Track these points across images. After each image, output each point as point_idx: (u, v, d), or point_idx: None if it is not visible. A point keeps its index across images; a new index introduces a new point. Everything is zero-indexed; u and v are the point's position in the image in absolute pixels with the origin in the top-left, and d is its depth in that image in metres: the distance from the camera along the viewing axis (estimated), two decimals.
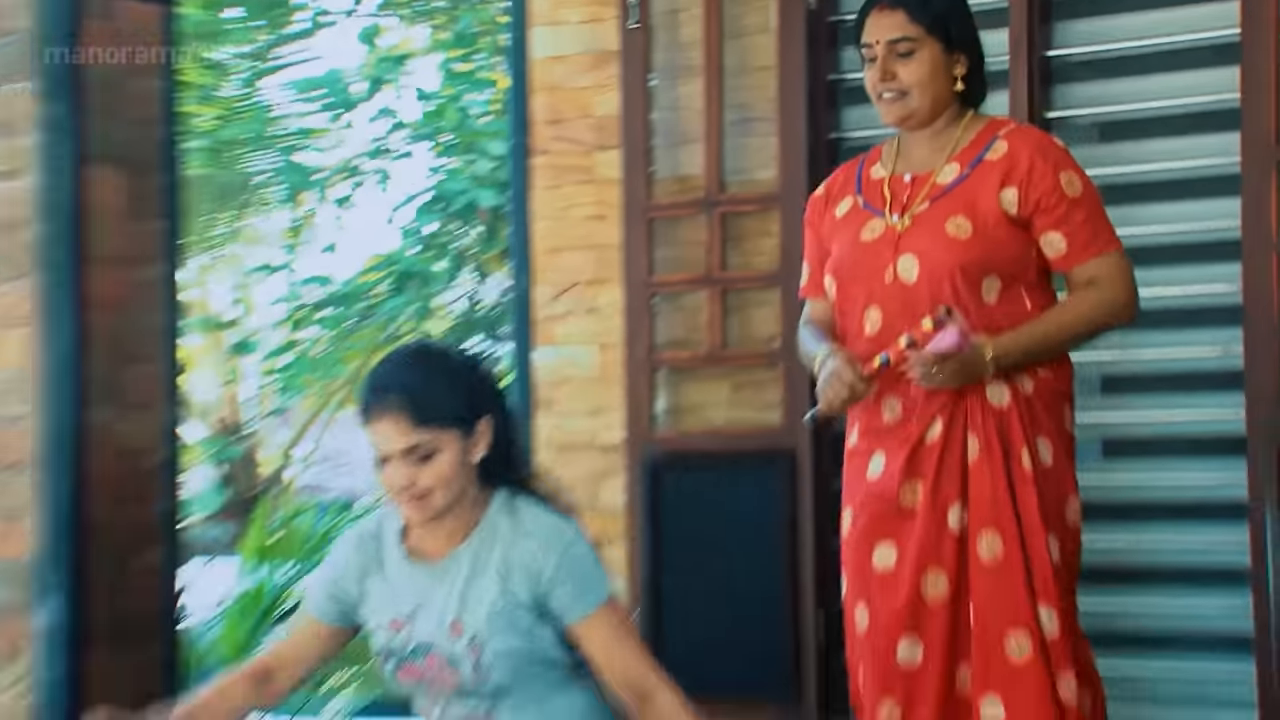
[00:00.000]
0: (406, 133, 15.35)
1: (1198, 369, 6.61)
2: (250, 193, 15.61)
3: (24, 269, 5.51)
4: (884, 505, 5.02)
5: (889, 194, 5.12)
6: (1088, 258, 4.90)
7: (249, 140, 15.19)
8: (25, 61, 5.50)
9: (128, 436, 5.64)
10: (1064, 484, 4.99)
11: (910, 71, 5.00)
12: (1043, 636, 4.80)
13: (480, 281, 15.01)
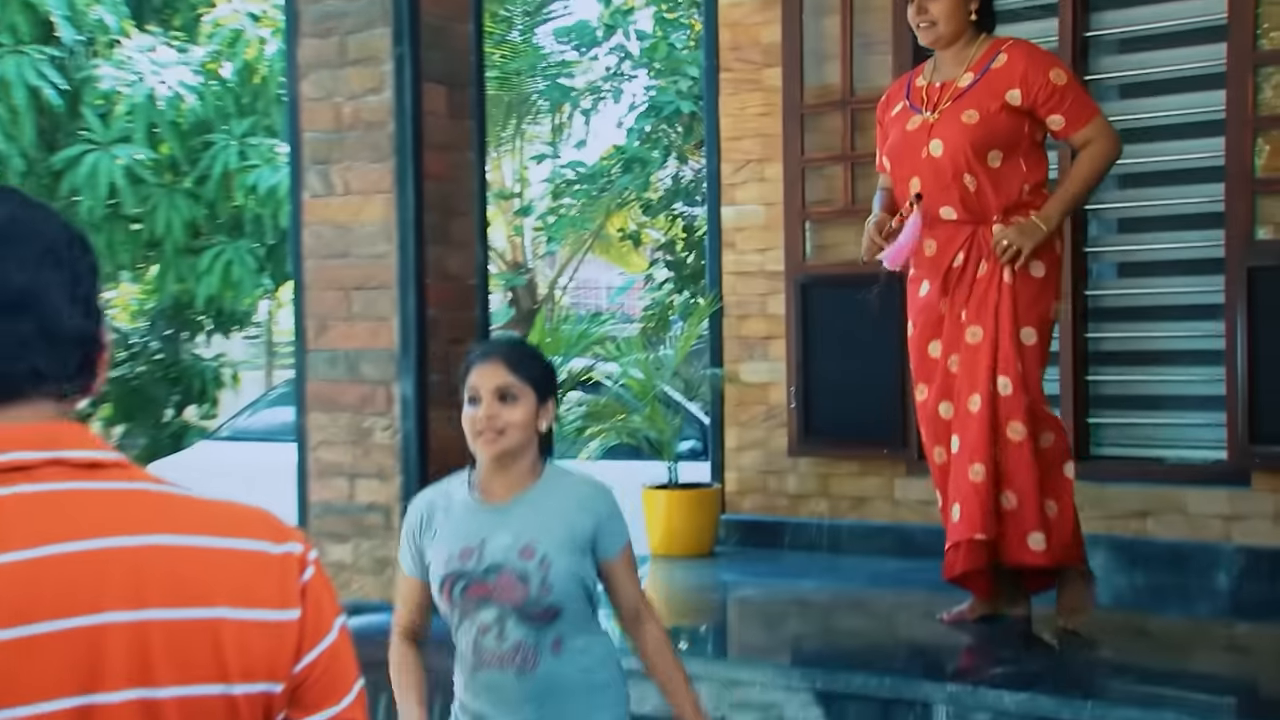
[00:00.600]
0: (631, 63, 15.32)
1: (1191, 211, 6.55)
2: (528, 105, 15.66)
3: (385, 154, 5.50)
4: (930, 315, 5.29)
5: (926, 97, 5.30)
6: (1080, 125, 5.13)
7: (526, 70, 15.22)
8: (384, 13, 5.53)
9: (453, 266, 5.68)
10: (1048, 292, 5.20)
11: (938, 7, 5.21)
12: (995, 395, 5.02)
13: (682, 164, 14.97)
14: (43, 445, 1.51)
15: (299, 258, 5.86)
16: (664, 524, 7.11)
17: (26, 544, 1.45)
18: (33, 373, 1.53)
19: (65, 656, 1.44)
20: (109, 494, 1.52)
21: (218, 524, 1.56)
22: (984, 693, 4.48)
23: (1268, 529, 6.18)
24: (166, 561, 1.50)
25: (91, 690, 1.44)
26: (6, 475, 1.48)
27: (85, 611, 1.45)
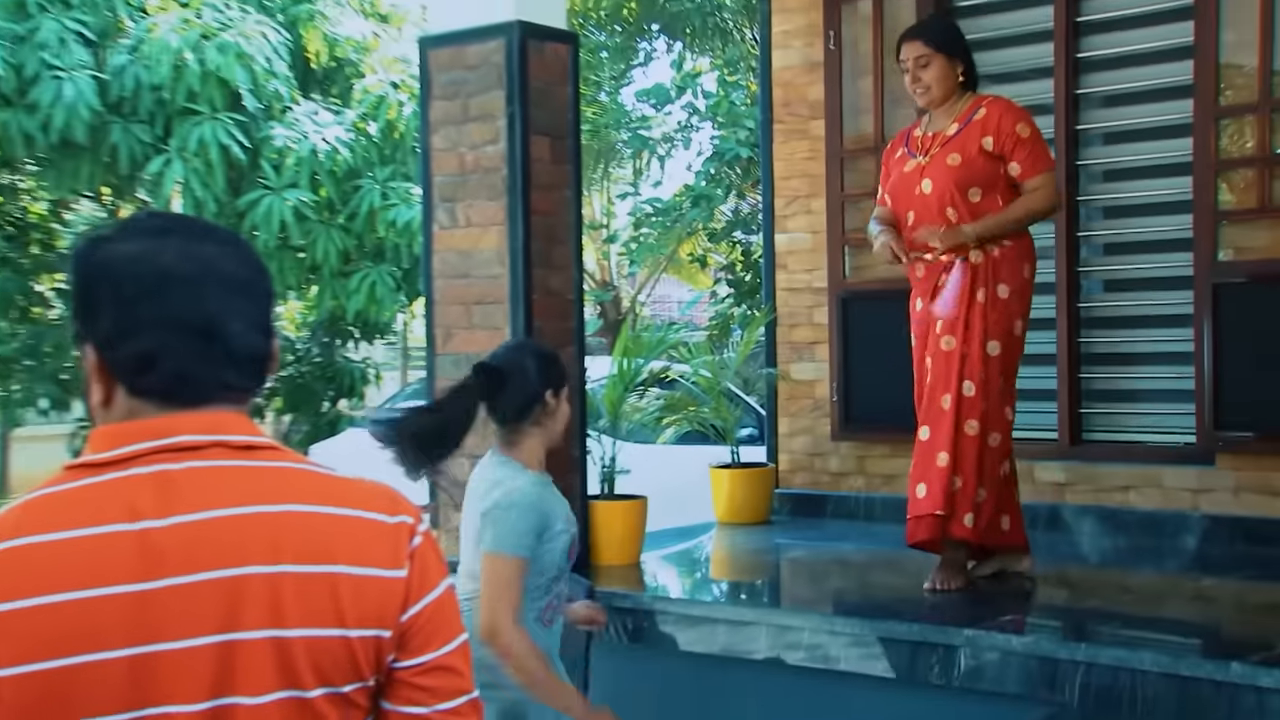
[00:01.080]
0: (698, 117, 15.32)
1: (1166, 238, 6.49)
2: (613, 152, 15.68)
3: (499, 193, 5.49)
4: (922, 328, 5.24)
5: (921, 145, 5.26)
6: (1032, 175, 5.07)
7: (612, 124, 15.24)
8: (498, 79, 5.54)
9: (554, 285, 5.66)
10: (1012, 310, 5.10)
11: (929, 75, 5.19)
12: (960, 396, 4.99)
13: (741, 199, 14.96)
14: (209, 430, 1.58)
15: (429, 279, 5.85)
16: (727, 497, 7.07)
17: (192, 508, 1.52)
18: (222, 385, 1.61)
19: (214, 600, 1.50)
20: (258, 470, 1.59)
21: (343, 497, 1.61)
22: (995, 636, 4.45)
23: (1228, 500, 6.18)
24: (298, 525, 1.56)
25: (233, 629, 1.50)
26: (179, 454, 1.55)
27: (233, 564, 1.51)
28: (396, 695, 1.61)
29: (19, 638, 1.45)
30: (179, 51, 10.86)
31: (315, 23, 12.05)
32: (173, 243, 1.61)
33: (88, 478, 1.54)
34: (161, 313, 1.58)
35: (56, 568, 1.47)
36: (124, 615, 1.47)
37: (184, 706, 1.48)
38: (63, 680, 1.45)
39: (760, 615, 4.97)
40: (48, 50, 10.81)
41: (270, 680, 1.51)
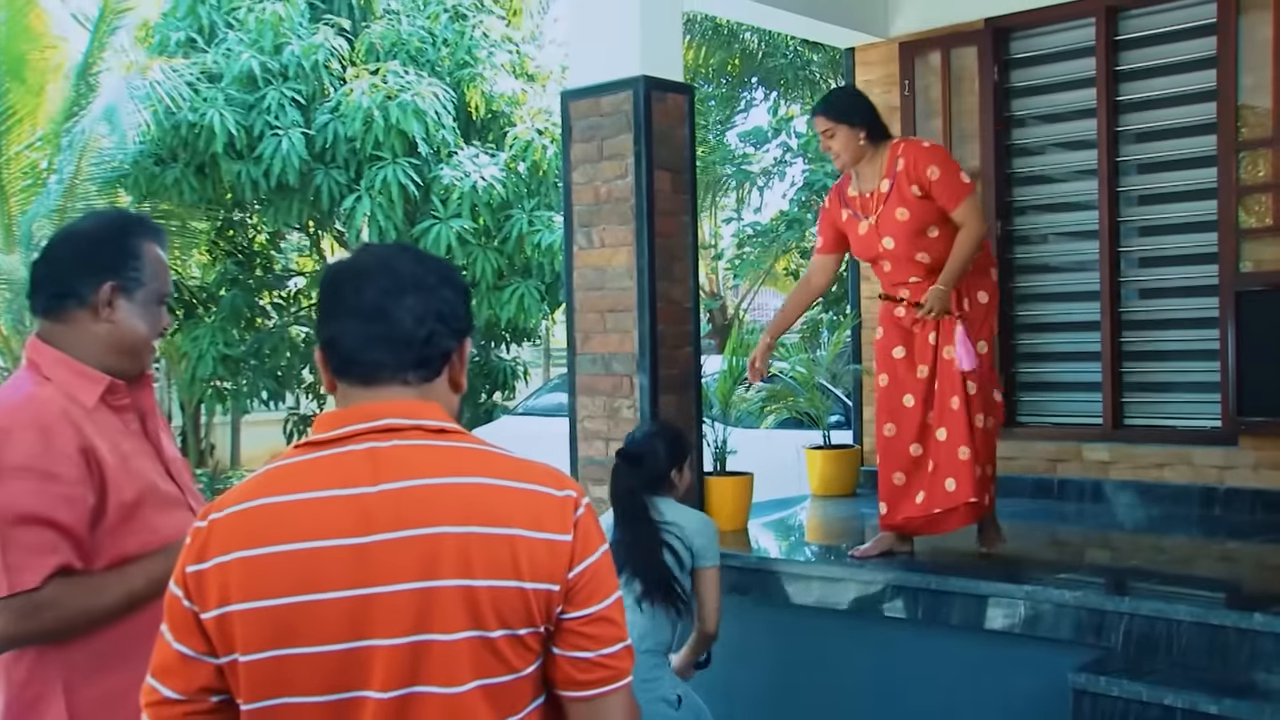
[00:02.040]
0: (791, 153, 15.23)
1: (1194, 252, 6.36)
2: (720, 184, 15.64)
3: (628, 219, 5.48)
4: (900, 371, 4.98)
5: (861, 206, 4.96)
6: (953, 206, 4.73)
7: (718, 160, 15.21)
8: (628, 124, 5.53)
9: (675, 295, 5.63)
10: (991, 313, 4.97)
11: (836, 144, 4.89)
12: (967, 396, 4.75)
13: None
14: (409, 415, 1.64)
15: (570, 291, 5.86)
16: (819, 473, 7.03)
17: (397, 478, 1.58)
18: (377, 363, 1.65)
19: (416, 553, 1.55)
20: (449, 449, 1.64)
21: (519, 473, 1.65)
22: (1050, 590, 4.38)
23: (1249, 475, 6.10)
24: (483, 495, 1.60)
25: (431, 578, 1.55)
26: (386, 434, 1.62)
27: (431, 524, 1.56)
28: (564, 641, 1.64)
29: (257, 578, 1.53)
30: (369, 110, 11.06)
31: (476, 83, 12.17)
32: (374, 255, 1.71)
33: (313, 453, 1.62)
34: (353, 303, 1.65)
35: (289, 523, 1.56)
36: (343, 563, 1.54)
37: (390, 640, 1.54)
38: (291, 614, 1.52)
39: (848, 573, 4.93)
40: (270, 114, 11.16)
41: (460, 621, 1.56)
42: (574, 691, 1.65)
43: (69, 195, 10.96)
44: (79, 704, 2.21)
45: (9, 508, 2.12)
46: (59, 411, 2.22)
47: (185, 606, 1.57)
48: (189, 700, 1.57)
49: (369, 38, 11.93)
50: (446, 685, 1.55)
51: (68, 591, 2.14)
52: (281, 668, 1.52)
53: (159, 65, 10.87)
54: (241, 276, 13.38)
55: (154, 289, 2.38)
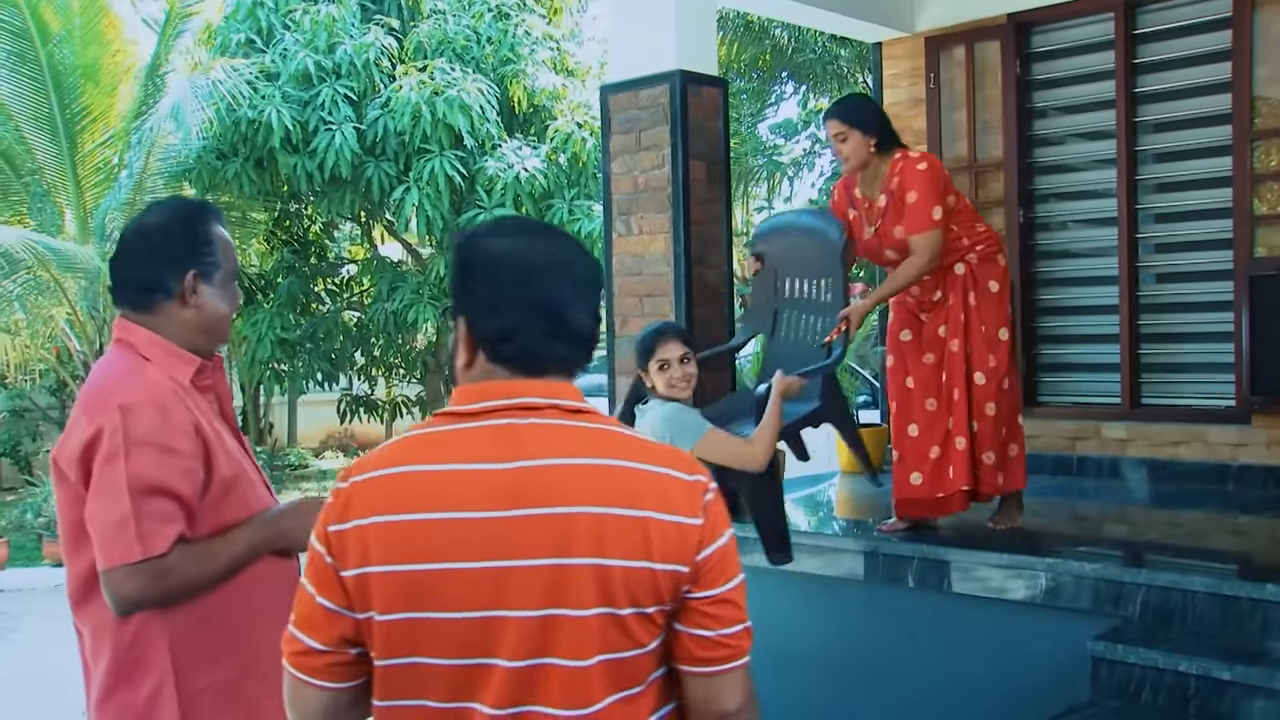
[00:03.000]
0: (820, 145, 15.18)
1: (1210, 239, 6.30)
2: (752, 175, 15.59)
3: (665, 207, 5.48)
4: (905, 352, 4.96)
5: (866, 211, 4.85)
6: (912, 233, 4.62)
7: (750, 152, 15.17)
8: (664, 116, 5.53)
9: (709, 280, 5.63)
10: (1004, 301, 4.82)
11: (847, 148, 4.75)
12: (974, 386, 4.75)
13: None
14: (548, 395, 1.62)
15: (610, 276, 5.86)
16: (848, 451, 6.96)
17: (535, 456, 1.56)
18: (558, 358, 1.64)
19: (552, 531, 1.53)
20: (584, 430, 1.62)
21: (650, 457, 1.62)
22: (1070, 563, 4.35)
23: (1262, 452, 6.05)
24: (616, 476, 1.57)
25: (566, 555, 1.53)
26: (524, 411, 1.60)
27: (566, 503, 1.54)
28: (688, 620, 1.62)
29: (395, 544, 1.53)
30: (417, 105, 11.11)
31: (518, 78, 12.19)
32: (538, 242, 1.66)
33: (454, 424, 1.61)
34: (525, 296, 1.62)
35: (429, 492, 1.55)
36: (481, 535, 1.53)
37: (523, 612, 1.53)
38: (426, 580, 1.52)
39: (876, 545, 4.91)
40: (324, 109, 11.23)
41: (592, 598, 1.54)
42: (694, 667, 1.64)
43: (138, 189, 11.09)
44: (182, 661, 2.27)
45: (139, 478, 2.17)
46: (171, 389, 2.28)
47: (327, 563, 1.57)
48: (331, 651, 1.59)
49: (417, 36, 11.98)
50: (573, 658, 1.54)
51: (186, 557, 2.21)
52: (415, 630, 1.53)
53: (221, 65, 10.97)
54: (297, 264, 13.49)
55: (228, 268, 2.41)
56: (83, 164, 11.68)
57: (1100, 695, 4.01)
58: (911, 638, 4.76)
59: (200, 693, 2.29)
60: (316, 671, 1.60)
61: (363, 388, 14.81)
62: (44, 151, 11.56)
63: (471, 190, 11.78)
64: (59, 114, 11.36)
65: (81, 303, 11.16)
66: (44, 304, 11.33)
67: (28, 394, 14.31)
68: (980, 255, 4.81)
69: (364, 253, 14.66)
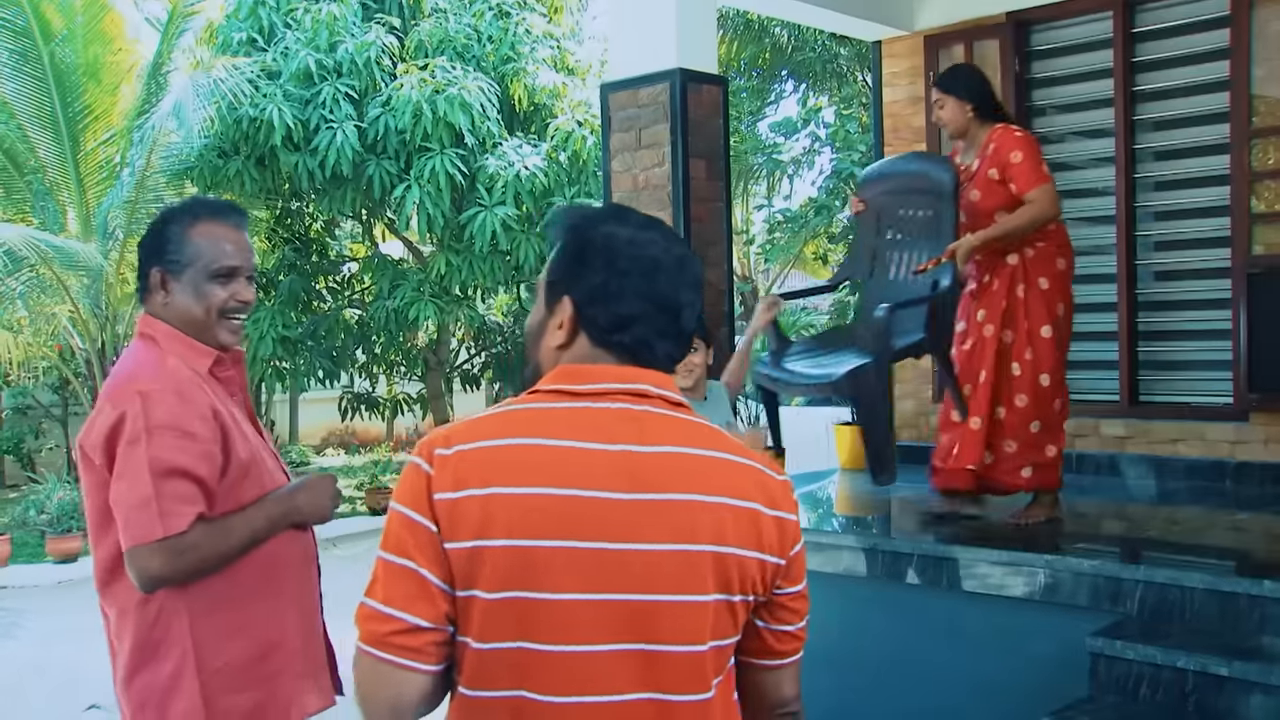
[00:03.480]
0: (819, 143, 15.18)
1: (1208, 236, 6.29)
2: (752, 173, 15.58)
3: (665, 205, 5.49)
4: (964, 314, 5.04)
5: (965, 176, 4.97)
6: (1026, 190, 4.71)
7: (750, 150, 15.16)
8: (664, 114, 5.53)
9: (711, 278, 5.61)
10: (1053, 299, 4.85)
11: (945, 114, 4.95)
12: (1008, 377, 4.83)
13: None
14: (659, 385, 1.61)
15: None
16: (849, 448, 7.00)
17: (659, 442, 1.56)
18: (666, 354, 1.63)
19: (676, 516, 1.52)
20: (688, 422, 1.61)
21: (746, 453, 1.63)
22: (1069, 560, 4.34)
23: (1260, 449, 6.04)
24: (725, 469, 1.58)
25: (689, 541, 1.52)
26: (637, 398, 1.59)
27: (689, 490, 1.54)
28: (773, 616, 1.65)
29: (522, 517, 1.47)
30: (418, 103, 11.10)
31: (519, 77, 12.18)
32: (658, 238, 1.64)
33: (568, 402, 1.57)
34: (648, 290, 1.59)
35: (555, 467, 1.50)
36: (608, 515, 1.50)
37: (643, 595, 1.50)
38: (546, 558, 1.47)
39: (875, 543, 4.91)
40: (325, 108, 11.23)
41: (711, 584, 1.53)
42: (767, 660, 1.67)
43: (140, 187, 11.08)
44: (202, 640, 2.35)
45: (160, 461, 2.26)
46: (190, 377, 2.38)
47: (431, 532, 1.49)
48: (436, 628, 1.50)
49: (418, 35, 11.97)
50: (691, 643, 1.52)
51: (205, 535, 2.29)
52: (527, 610, 1.47)
53: (222, 64, 10.96)
54: (299, 262, 13.49)
55: (201, 267, 2.43)
56: (85, 162, 11.68)
57: (1099, 691, 4.01)
58: (911, 634, 4.75)
59: (219, 670, 2.36)
60: (416, 653, 1.49)
61: (364, 385, 14.81)
62: (46, 150, 11.57)
63: (472, 188, 11.77)
64: (61, 112, 11.36)
65: (84, 300, 11.16)
66: (46, 302, 11.35)
67: (31, 391, 14.31)
68: (1038, 251, 4.85)
69: (365, 250, 14.66)
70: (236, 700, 2.37)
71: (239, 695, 2.37)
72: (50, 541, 10.17)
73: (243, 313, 2.50)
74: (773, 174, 15.71)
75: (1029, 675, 4.33)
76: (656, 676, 1.50)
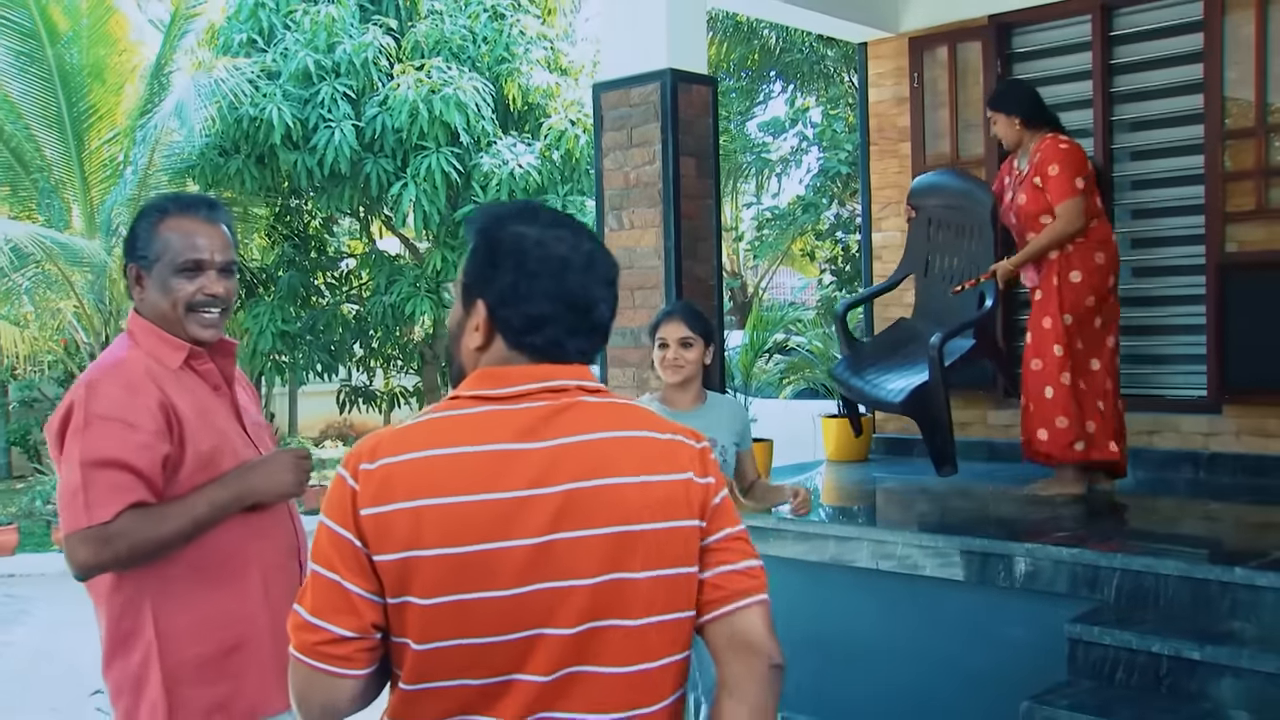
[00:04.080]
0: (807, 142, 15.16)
1: (1183, 234, 6.31)
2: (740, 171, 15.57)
3: (656, 202, 5.48)
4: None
5: (1016, 181, 5.34)
6: (1055, 202, 5.11)
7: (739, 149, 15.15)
8: (655, 113, 5.53)
9: (699, 273, 5.61)
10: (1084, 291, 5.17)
11: (998, 129, 5.35)
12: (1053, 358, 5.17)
13: (841, 207, 14.75)
14: (573, 377, 1.63)
15: None
16: (835, 440, 7.02)
17: (574, 432, 1.58)
18: (579, 351, 1.65)
19: (603, 501, 1.54)
20: (607, 406, 1.64)
21: (665, 427, 1.66)
22: (1048, 548, 4.37)
23: (1232, 441, 6.10)
24: (645, 446, 1.61)
25: (620, 523, 1.55)
26: (554, 394, 1.60)
27: (612, 474, 1.56)
28: (713, 560, 1.65)
29: (451, 526, 1.48)
30: (414, 103, 11.08)
31: (513, 77, 12.16)
32: (567, 236, 1.64)
33: (487, 406, 1.58)
34: (557, 289, 1.60)
35: (473, 473, 1.51)
36: (534, 512, 1.51)
37: (583, 580, 1.52)
38: (478, 561, 1.49)
39: (861, 532, 4.93)
40: (323, 107, 11.22)
41: (646, 560, 1.56)
42: (725, 605, 1.64)
43: (142, 185, 11.06)
44: (166, 634, 2.32)
45: (92, 451, 2.23)
46: (143, 370, 2.34)
47: (356, 547, 1.50)
48: (361, 637, 1.51)
49: (414, 36, 11.95)
50: (629, 618, 1.55)
51: (135, 522, 2.24)
52: (464, 611, 1.49)
53: (223, 64, 10.93)
54: (298, 258, 13.46)
55: (167, 261, 2.41)
56: (89, 161, 11.65)
57: (1076, 675, 4.04)
58: (895, 620, 4.78)
59: (182, 664, 2.32)
60: (343, 660, 1.52)
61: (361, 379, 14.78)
62: (52, 149, 11.53)
63: (467, 186, 11.75)
64: (66, 112, 11.33)
65: (88, 296, 11.14)
66: (52, 297, 11.32)
67: (37, 385, 14.28)
68: (1076, 247, 5.17)
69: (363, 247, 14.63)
70: (199, 693, 2.33)
71: (201, 689, 2.33)
72: (56, 531, 10.16)
73: (213, 306, 2.43)
74: (761, 172, 15.71)
75: (1009, 660, 4.36)
76: (592, 652, 1.53)
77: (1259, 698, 3.66)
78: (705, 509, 1.64)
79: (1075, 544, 4.41)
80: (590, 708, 1.53)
